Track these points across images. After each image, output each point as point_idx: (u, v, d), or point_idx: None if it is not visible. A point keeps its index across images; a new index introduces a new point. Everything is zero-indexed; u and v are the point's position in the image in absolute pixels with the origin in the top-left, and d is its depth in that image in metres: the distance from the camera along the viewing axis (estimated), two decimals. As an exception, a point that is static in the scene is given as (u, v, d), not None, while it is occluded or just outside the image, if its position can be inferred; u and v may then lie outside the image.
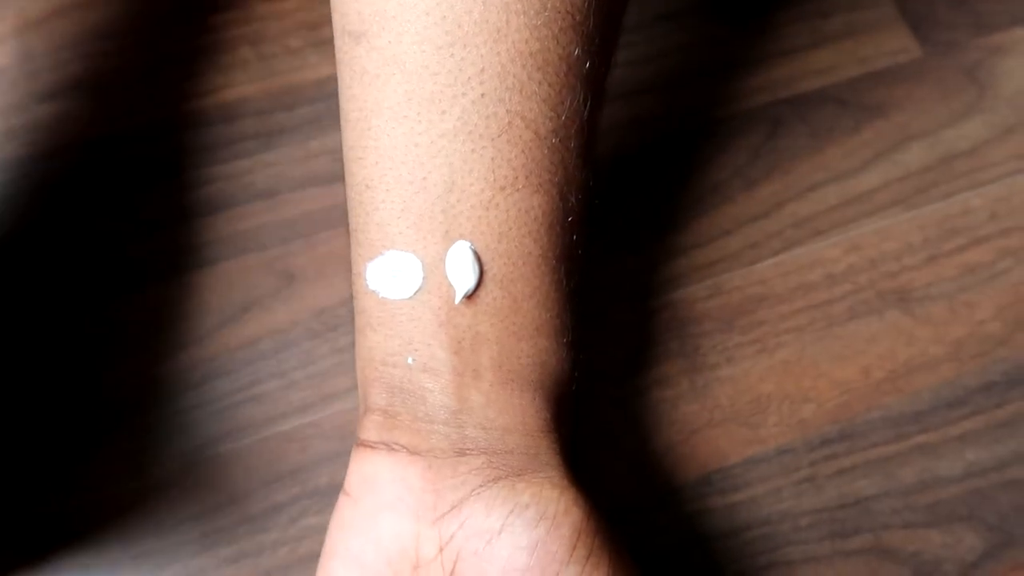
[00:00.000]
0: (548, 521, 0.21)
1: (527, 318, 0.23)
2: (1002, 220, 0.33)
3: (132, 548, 0.28)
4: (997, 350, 0.31)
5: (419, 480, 0.22)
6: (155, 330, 0.30)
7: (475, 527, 0.21)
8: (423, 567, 0.22)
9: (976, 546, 0.29)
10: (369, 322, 0.23)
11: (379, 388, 0.23)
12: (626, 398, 0.30)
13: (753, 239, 0.33)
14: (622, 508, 0.28)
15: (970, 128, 0.35)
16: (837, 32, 0.37)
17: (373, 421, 0.23)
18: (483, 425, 0.22)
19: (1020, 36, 0.37)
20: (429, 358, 0.22)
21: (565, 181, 0.23)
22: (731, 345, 0.31)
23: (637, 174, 0.34)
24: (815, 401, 0.30)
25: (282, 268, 0.31)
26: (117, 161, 0.33)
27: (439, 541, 0.22)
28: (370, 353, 0.23)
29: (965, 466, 0.30)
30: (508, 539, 0.21)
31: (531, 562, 0.21)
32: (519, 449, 0.22)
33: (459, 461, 0.22)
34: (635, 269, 0.32)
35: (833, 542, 0.29)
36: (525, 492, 0.22)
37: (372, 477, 0.23)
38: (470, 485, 0.22)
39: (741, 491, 0.29)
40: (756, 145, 0.34)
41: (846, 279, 0.32)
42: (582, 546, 0.21)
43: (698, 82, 0.36)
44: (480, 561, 0.21)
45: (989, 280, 0.32)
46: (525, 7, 0.21)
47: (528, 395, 0.23)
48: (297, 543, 0.28)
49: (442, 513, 0.22)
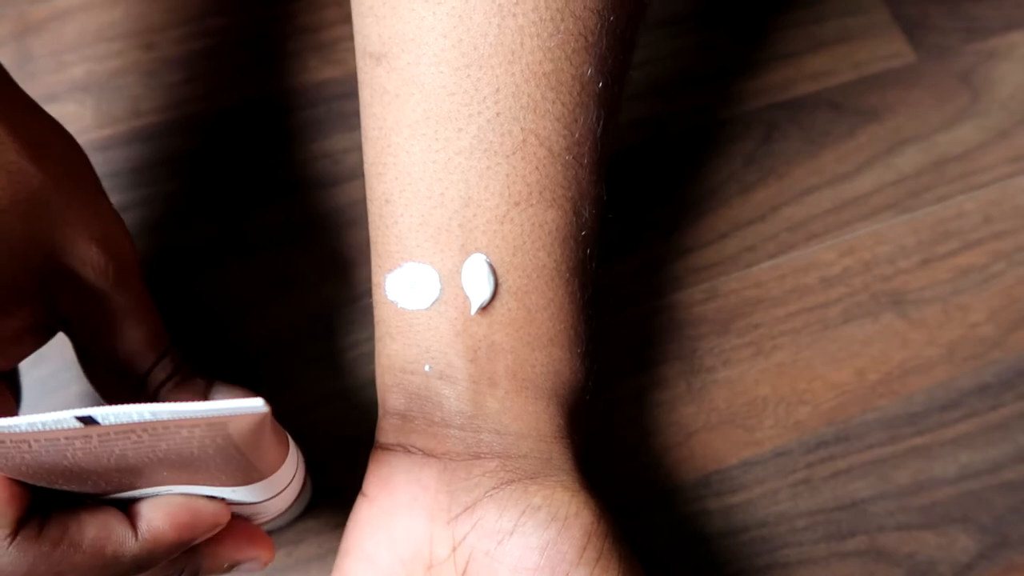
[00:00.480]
0: (559, 523, 0.21)
1: (541, 329, 0.23)
2: (995, 223, 0.34)
3: (130, 550, 0.28)
4: (991, 352, 0.32)
5: (434, 481, 0.22)
6: (153, 332, 0.30)
7: (488, 528, 0.22)
8: (436, 567, 0.22)
9: (970, 547, 0.29)
10: (388, 331, 0.24)
11: (397, 394, 0.23)
12: (623, 400, 0.30)
13: (749, 242, 0.33)
14: (619, 509, 0.28)
15: (963, 132, 0.35)
16: (832, 37, 0.37)
17: (391, 424, 0.24)
18: (498, 430, 0.23)
19: (1013, 41, 0.37)
20: (446, 366, 0.23)
21: (578, 196, 0.24)
22: (727, 348, 0.31)
23: (633, 177, 0.34)
24: (811, 403, 0.30)
25: (279, 271, 0.32)
26: (116, 163, 0.33)
27: (452, 541, 0.22)
28: (389, 361, 0.24)
29: (959, 468, 0.30)
30: (520, 540, 0.21)
31: (541, 562, 0.21)
32: (532, 454, 0.23)
33: (473, 464, 0.22)
34: (632, 272, 0.32)
35: (829, 543, 0.29)
36: (537, 495, 0.22)
37: (388, 478, 0.23)
38: (484, 487, 0.22)
39: (738, 493, 0.29)
40: (751, 149, 0.35)
41: (841, 282, 0.32)
42: (592, 548, 0.21)
43: (694, 86, 0.36)
44: (492, 561, 0.21)
45: (982, 283, 0.33)
46: (539, 29, 0.22)
47: (542, 403, 0.23)
48: (294, 546, 0.28)
49: (456, 514, 0.22)
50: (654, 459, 0.30)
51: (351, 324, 0.31)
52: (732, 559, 0.28)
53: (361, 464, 0.25)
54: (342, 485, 0.28)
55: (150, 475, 0.20)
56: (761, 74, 0.36)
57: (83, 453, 0.18)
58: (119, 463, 0.19)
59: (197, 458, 0.19)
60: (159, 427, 0.18)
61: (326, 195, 0.33)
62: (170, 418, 0.18)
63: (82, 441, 0.18)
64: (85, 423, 0.17)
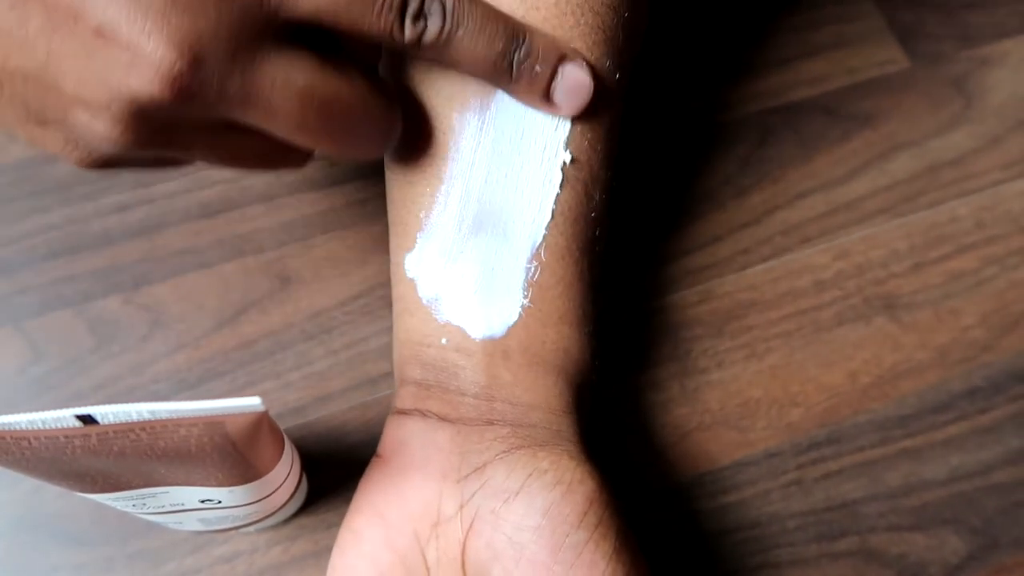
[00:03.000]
0: (564, 487, 0.22)
1: (552, 306, 0.24)
2: (987, 228, 0.34)
3: (127, 546, 0.28)
4: (981, 356, 0.32)
5: (448, 443, 0.23)
6: (152, 331, 0.31)
7: (495, 487, 0.23)
8: (443, 524, 0.23)
9: (960, 549, 0.29)
10: (407, 307, 0.25)
11: (415, 365, 0.25)
12: (618, 401, 0.31)
13: (743, 245, 0.33)
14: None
15: (956, 138, 0.36)
16: (827, 43, 0.37)
17: (408, 392, 0.25)
18: (510, 400, 0.24)
19: (1006, 48, 0.38)
20: (462, 339, 0.24)
21: (590, 179, 0.25)
22: (721, 350, 0.31)
23: (629, 181, 0.34)
24: (803, 405, 0.31)
25: (278, 270, 0.32)
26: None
27: (460, 499, 0.23)
28: (407, 335, 0.25)
29: (950, 470, 0.30)
30: (525, 500, 0.22)
31: (543, 522, 0.22)
32: (542, 424, 0.24)
33: (486, 429, 0.23)
34: (627, 274, 0.33)
35: (820, 544, 0.29)
36: (545, 460, 0.23)
37: (404, 440, 0.24)
38: (494, 451, 0.23)
39: (730, 493, 0.29)
40: (746, 153, 0.35)
41: (834, 285, 0.33)
42: (592, 514, 0.22)
43: (689, 91, 0.36)
44: (496, 518, 0.22)
45: (974, 287, 0.33)
46: (561, 21, 0.23)
47: (552, 378, 0.24)
48: (291, 542, 0.28)
49: (466, 474, 0.23)
50: (648, 459, 0.30)
51: (349, 324, 0.31)
52: (724, 559, 0.29)
53: (357, 463, 0.25)
54: (337, 484, 0.28)
55: (148, 474, 0.21)
56: (756, 79, 0.36)
57: (82, 451, 0.19)
58: (118, 461, 0.19)
59: (195, 456, 0.19)
60: (157, 426, 0.18)
61: (324, 196, 0.33)
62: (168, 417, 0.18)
63: (81, 440, 0.18)
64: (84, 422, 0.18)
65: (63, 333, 0.30)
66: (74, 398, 0.29)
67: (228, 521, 0.25)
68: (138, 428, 0.18)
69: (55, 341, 0.30)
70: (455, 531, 0.23)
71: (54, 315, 0.31)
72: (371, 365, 0.30)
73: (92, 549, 0.28)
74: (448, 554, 0.23)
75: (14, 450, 0.18)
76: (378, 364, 0.31)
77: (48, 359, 0.30)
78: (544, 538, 0.22)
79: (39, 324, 0.30)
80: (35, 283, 0.31)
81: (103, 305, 0.31)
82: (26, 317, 0.31)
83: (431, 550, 0.23)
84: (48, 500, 0.28)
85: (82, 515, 0.28)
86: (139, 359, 0.30)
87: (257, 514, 0.25)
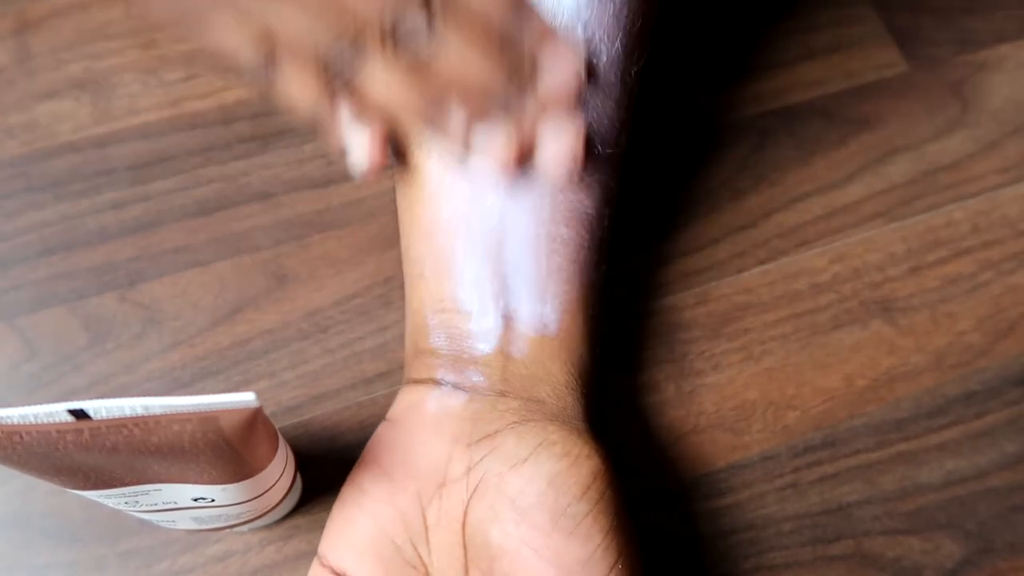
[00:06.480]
0: (571, 459, 0.23)
1: (559, 287, 0.25)
2: (984, 233, 0.34)
3: (119, 545, 0.28)
4: (977, 360, 0.32)
5: (461, 408, 0.24)
6: (146, 328, 0.30)
7: (505, 453, 0.23)
8: (448, 485, 0.23)
9: (955, 553, 0.29)
10: (422, 271, 0.26)
11: (429, 334, 0.25)
12: (613, 403, 0.30)
13: (740, 248, 0.33)
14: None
15: (954, 142, 0.36)
16: (825, 46, 0.37)
17: (422, 362, 0.25)
18: (521, 375, 0.24)
19: (1004, 53, 0.38)
20: (478, 302, 0.25)
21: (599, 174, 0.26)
22: (717, 352, 0.31)
23: (626, 183, 0.34)
24: (799, 408, 0.31)
25: (274, 269, 0.32)
26: (114, 160, 0.33)
27: (468, 463, 0.23)
28: (420, 304, 0.26)
29: (945, 474, 0.30)
30: (531, 467, 0.22)
31: (547, 489, 0.22)
32: (551, 400, 0.24)
33: (498, 400, 0.24)
34: (624, 275, 0.32)
35: (815, 547, 0.29)
36: (555, 432, 0.23)
37: (417, 404, 0.25)
38: (506, 420, 0.24)
39: (726, 496, 0.29)
40: (744, 156, 0.35)
41: (830, 288, 0.33)
42: (595, 489, 0.23)
43: (687, 93, 0.36)
44: (502, 481, 0.23)
45: (970, 291, 0.33)
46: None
47: (560, 360, 0.25)
48: (284, 542, 0.28)
49: (477, 439, 0.23)
50: (643, 461, 0.30)
51: (344, 323, 0.31)
52: (719, 562, 0.29)
53: (352, 463, 0.25)
54: (332, 483, 0.28)
55: (141, 471, 0.20)
56: (755, 82, 0.36)
57: (74, 447, 0.18)
58: (110, 457, 0.19)
59: (188, 453, 0.19)
60: (151, 422, 0.18)
61: (321, 194, 0.33)
62: (162, 412, 0.18)
63: (73, 435, 0.18)
64: (77, 417, 0.18)
65: (57, 330, 0.30)
66: (67, 395, 0.29)
67: (221, 520, 0.25)
68: (131, 423, 0.18)
69: (49, 338, 0.30)
70: (459, 492, 0.23)
71: (48, 312, 0.30)
72: (367, 364, 0.30)
73: (83, 547, 0.27)
74: (449, 514, 0.23)
75: (6, 445, 0.18)
76: (373, 364, 0.30)
77: (42, 356, 0.30)
78: (547, 504, 0.22)
79: (33, 321, 0.30)
80: (29, 279, 0.31)
81: (97, 302, 0.31)
82: (20, 313, 0.30)
83: (432, 510, 0.23)
84: (39, 498, 0.28)
85: (74, 513, 0.28)
86: (133, 357, 0.30)
87: (251, 513, 0.25)
